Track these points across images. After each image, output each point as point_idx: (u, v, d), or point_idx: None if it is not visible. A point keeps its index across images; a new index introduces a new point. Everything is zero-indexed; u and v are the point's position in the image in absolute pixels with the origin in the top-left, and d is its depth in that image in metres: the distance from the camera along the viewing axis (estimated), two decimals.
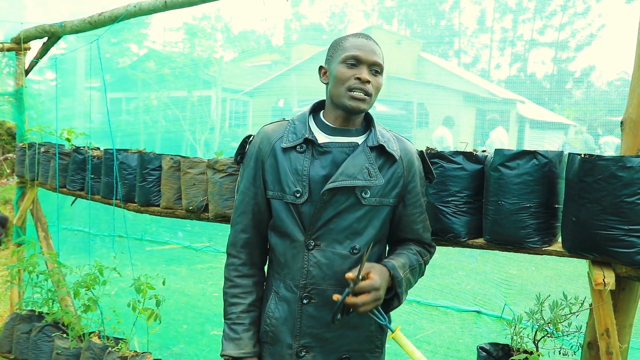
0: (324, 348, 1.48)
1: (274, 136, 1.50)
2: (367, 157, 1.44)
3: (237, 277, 1.54)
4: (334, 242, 1.44)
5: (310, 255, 1.44)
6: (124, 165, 2.69)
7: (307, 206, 1.43)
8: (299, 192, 1.43)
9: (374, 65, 1.44)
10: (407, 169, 1.51)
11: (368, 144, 1.46)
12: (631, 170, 1.37)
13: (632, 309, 1.62)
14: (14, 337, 3.10)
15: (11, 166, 9.60)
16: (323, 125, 1.50)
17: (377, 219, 1.48)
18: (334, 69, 1.45)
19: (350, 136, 1.49)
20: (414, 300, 4.80)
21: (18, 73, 3.76)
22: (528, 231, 1.61)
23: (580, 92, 14.37)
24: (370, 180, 1.43)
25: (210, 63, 9.79)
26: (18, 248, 3.48)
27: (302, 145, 1.46)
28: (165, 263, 6.20)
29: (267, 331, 1.53)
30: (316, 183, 1.43)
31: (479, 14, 27.67)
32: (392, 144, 1.50)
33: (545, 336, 1.79)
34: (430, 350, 3.80)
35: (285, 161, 1.46)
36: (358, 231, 1.45)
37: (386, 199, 1.47)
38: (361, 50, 1.43)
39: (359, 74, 1.41)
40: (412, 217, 1.55)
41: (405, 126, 9.18)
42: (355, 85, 1.41)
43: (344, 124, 1.49)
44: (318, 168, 1.44)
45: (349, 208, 1.43)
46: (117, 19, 2.88)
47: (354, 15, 34.67)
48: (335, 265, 1.44)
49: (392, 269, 1.40)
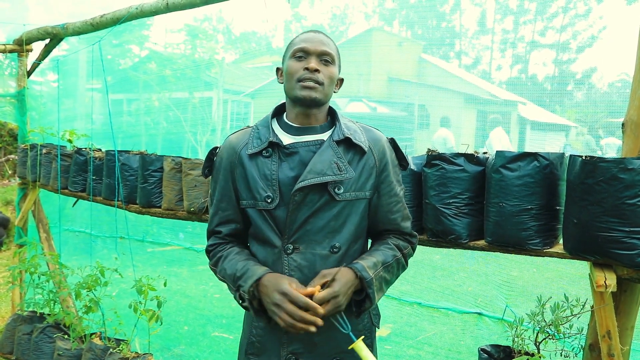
0: (313, 353, 1.44)
1: (239, 144, 1.48)
2: (334, 152, 1.41)
3: (223, 251, 1.52)
4: (312, 243, 1.41)
5: (290, 259, 1.41)
6: (125, 167, 2.70)
7: (280, 210, 1.40)
8: (270, 197, 1.40)
9: (323, 55, 1.43)
10: (379, 159, 1.48)
11: (334, 138, 1.43)
12: (632, 172, 1.37)
13: (634, 311, 1.62)
14: (16, 338, 3.10)
15: (13, 167, 9.62)
16: (287, 127, 1.48)
17: (355, 214, 1.45)
18: (285, 65, 1.46)
19: (315, 133, 1.46)
20: (415, 302, 4.80)
21: (20, 74, 3.77)
22: (529, 233, 1.61)
23: (581, 93, 14.37)
24: (341, 174, 1.39)
25: (212, 64, 9.80)
26: (20, 249, 3.49)
27: (267, 149, 1.43)
28: (166, 264, 6.21)
29: (253, 342, 1.49)
30: (286, 186, 1.40)
31: (480, 15, 27.71)
32: (359, 135, 1.47)
33: (547, 338, 1.78)
34: (431, 352, 3.80)
35: (252, 168, 1.43)
36: (336, 229, 1.42)
37: (361, 192, 1.45)
38: (308, 42, 1.43)
39: (306, 64, 1.41)
40: (388, 207, 1.51)
41: (407, 128, 9.18)
42: (305, 76, 1.40)
43: (306, 121, 1.46)
44: (286, 170, 1.41)
45: (323, 206, 1.40)
46: (119, 20, 2.88)
47: (354, 17, 34.73)
48: (317, 266, 1.41)
49: (359, 271, 1.36)
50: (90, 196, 2.96)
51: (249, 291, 1.34)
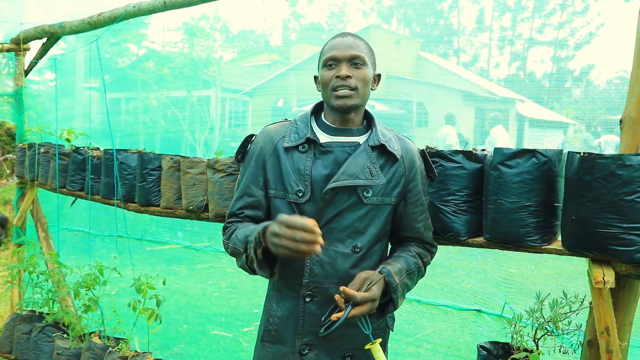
0: (326, 346, 1.48)
1: (276, 136, 1.52)
2: (368, 157, 1.45)
3: (238, 224, 1.52)
4: (335, 241, 1.45)
5: None
6: (123, 166, 2.70)
7: (309, 205, 1.44)
8: (302, 191, 1.44)
9: (353, 59, 1.45)
10: (409, 168, 1.52)
11: (369, 143, 1.47)
12: (630, 169, 1.37)
13: (632, 307, 1.62)
14: (15, 338, 3.10)
15: (11, 167, 9.60)
16: (324, 126, 1.52)
17: (379, 218, 1.49)
18: (319, 75, 1.50)
19: (352, 136, 1.50)
20: (414, 299, 4.81)
21: (17, 73, 3.76)
22: (528, 230, 1.61)
23: (579, 90, 14.37)
24: (372, 179, 1.44)
25: (210, 63, 9.78)
26: (18, 248, 3.48)
27: (304, 145, 1.47)
28: (165, 263, 6.20)
29: (269, 330, 1.53)
30: (318, 182, 1.44)
31: (478, 13, 27.68)
32: (394, 143, 1.51)
33: (546, 334, 1.79)
34: (430, 349, 3.80)
35: (287, 161, 1.47)
36: (360, 230, 1.46)
37: (388, 198, 1.48)
38: (336, 49, 1.45)
39: (338, 72, 1.43)
40: (414, 216, 1.56)
41: (405, 125, 9.17)
42: (337, 84, 1.43)
43: (344, 124, 1.50)
44: (320, 167, 1.45)
45: (350, 207, 1.44)
46: (117, 19, 2.88)
47: (352, 15, 34.67)
48: (338, 263, 1.45)
49: (387, 275, 1.39)
50: (89, 195, 2.96)
51: (255, 238, 1.31)
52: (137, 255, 6.29)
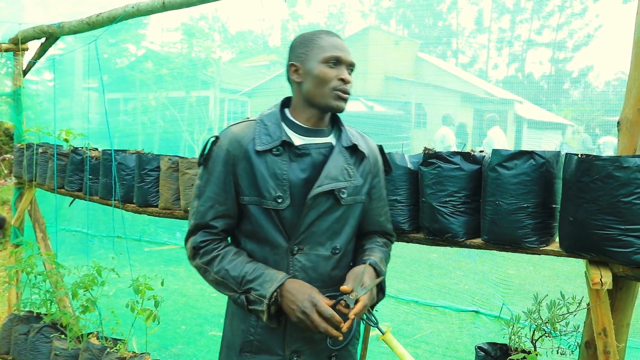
0: (313, 350, 1.47)
1: (244, 138, 1.42)
2: (344, 158, 1.45)
3: (219, 250, 1.44)
4: (316, 245, 1.43)
5: (295, 260, 1.42)
6: (122, 166, 2.69)
7: (289, 211, 1.40)
8: (281, 197, 1.38)
9: (350, 66, 1.45)
10: (374, 165, 1.55)
11: (343, 144, 1.46)
12: (628, 170, 1.37)
13: (629, 308, 1.63)
14: (12, 339, 3.09)
15: (9, 167, 9.59)
16: (295, 126, 1.45)
17: (353, 217, 1.50)
18: (314, 68, 1.41)
19: (324, 136, 1.48)
20: (412, 300, 4.81)
21: (16, 74, 3.76)
22: (526, 231, 1.61)
23: (577, 92, 14.41)
24: (350, 180, 1.45)
25: (208, 63, 9.78)
26: (16, 249, 3.48)
27: (278, 147, 1.40)
28: (163, 264, 6.20)
29: (251, 341, 1.46)
30: (297, 187, 1.39)
31: (477, 14, 27.78)
32: (361, 141, 1.53)
33: (543, 336, 1.79)
34: (428, 350, 3.80)
35: (261, 165, 1.39)
36: (337, 231, 1.46)
37: (359, 197, 1.50)
38: (341, 50, 1.43)
39: (341, 74, 1.41)
40: (377, 211, 1.59)
41: (404, 127, 9.19)
42: (341, 87, 1.41)
43: (317, 124, 1.47)
44: (297, 171, 1.40)
45: (329, 209, 1.43)
46: (115, 19, 2.88)
47: (351, 16, 34.74)
48: (320, 267, 1.44)
49: (375, 265, 1.44)
50: (87, 196, 2.95)
51: (272, 296, 1.31)
52: (135, 256, 6.28)
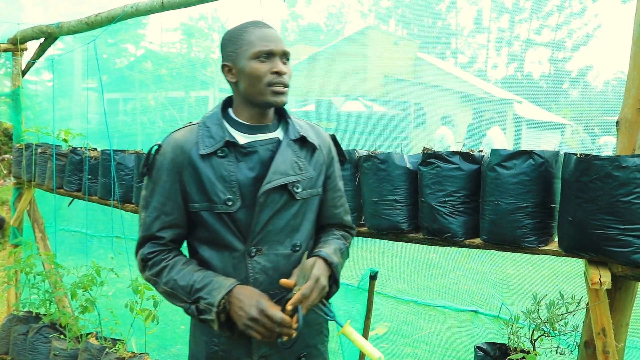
0: (282, 352, 1.43)
1: (187, 143, 1.37)
2: (293, 151, 1.41)
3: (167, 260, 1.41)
4: (275, 244, 1.40)
5: (254, 262, 1.38)
6: (121, 166, 2.69)
7: (241, 212, 1.36)
8: (231, 199, 1.34)
9: (284, 55, 1.38)
10: (327, 155, 1.52)
11: (290, 137, 1.43)
12: (627, 170, 1.37)
13: (629, 308, 1.63)
14: (11, 339, 3.09)
15: (8, 167, 9.58)
16: (238, 125, 1.41)
17: (311, 211, 1.47)
18: (245, 66, 1.35)
19: (269, 132, 1.43)
20: (412, 300, 4.80)
21: (15, 74, 3.76)
22: (525, 231, 1.61)
23: (576, 92, 14.42)
24: (302, 173, 1.41)
25: (208, 63, 9.77)
26: (15, 249, 3.47)
27: (222, 149, 1.35)
28: None
29: (216, 351, 1.42)
30: (246, 187, 1.35)
31: (476, 14, 27.80)
32: (310, 132, 1.48)
33: (542, 335, 1.79)
34: (427, 350, 3.81)
35: (207, 169, 1.35)
36: (295, 227, 1.43)
37: (315, 189, 1.47)
38: (271, 42, 1.35)
39: (275, 67, 1.34)
40: (333, 202, 1.55)
41: (403, 126, 9.19)
42: (275, 80, 1.35)
43: (261, 120, 1.43)
44: (245, 170, 1.36)
45: (284, 206, 1.39)
46: (114, 19, 2.87)
47: (350, 16, 34.75)
48: (281, 266, 1.40)
49: (327, 257, 1.39)
50: (86, 196, 2.95)
51: (220, 303, 1.28)
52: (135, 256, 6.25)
